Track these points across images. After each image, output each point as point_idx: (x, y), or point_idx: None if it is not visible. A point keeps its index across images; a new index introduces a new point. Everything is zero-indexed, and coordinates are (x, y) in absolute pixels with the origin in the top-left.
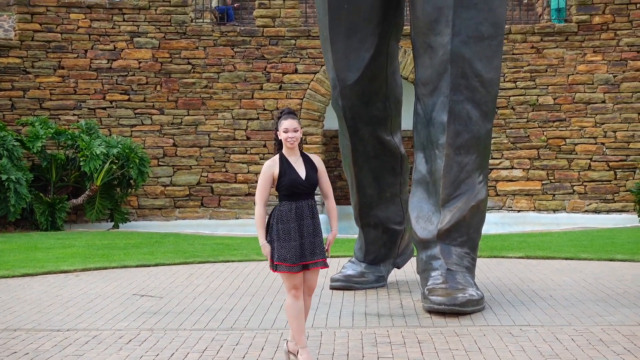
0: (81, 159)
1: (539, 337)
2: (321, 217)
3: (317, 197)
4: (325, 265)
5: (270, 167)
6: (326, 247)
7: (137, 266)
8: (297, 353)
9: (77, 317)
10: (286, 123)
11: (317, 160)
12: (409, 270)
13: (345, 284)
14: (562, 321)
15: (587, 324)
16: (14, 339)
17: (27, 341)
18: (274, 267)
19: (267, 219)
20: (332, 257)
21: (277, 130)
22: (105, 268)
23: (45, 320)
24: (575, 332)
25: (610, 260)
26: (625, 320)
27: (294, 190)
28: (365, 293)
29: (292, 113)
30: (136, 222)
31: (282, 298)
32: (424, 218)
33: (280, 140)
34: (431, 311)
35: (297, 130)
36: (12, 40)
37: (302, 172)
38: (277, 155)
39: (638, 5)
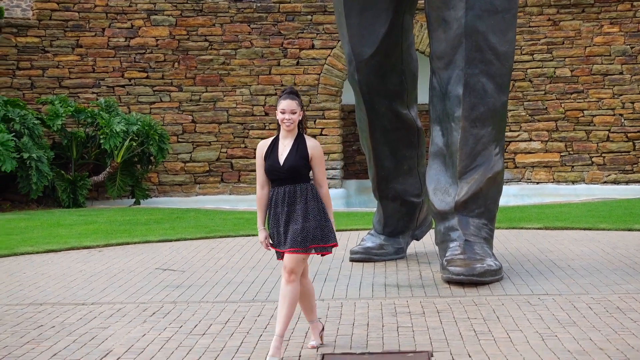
0: (101, 137)
1: (556, 306)
2: None
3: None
4: (298, 253)
5: (261, 148)
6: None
7: (159, 241)
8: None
9: (101, 291)
10: (284, 104)
11: (314, 146)
12: (427, 241)
13: (364, 256)
14: (580, 290)
15: (605, 293)
16: (40, 312)
17: (53, 315)
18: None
19: None
20: (352, 229)
21: (277, 109)
22: (128, 243)
23: (70, 294)
24: (592, 300)
25: (629, 230)
26: None
27: (271, 176)
28: (384, 265)
29: (293, 93)
30: (157, 198)
31: None
32: (442, 190)
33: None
34: (450, 281)
35: (295, 112)
36: (30, 19)
37: (282, 157)
38: (273, 137)
39: None
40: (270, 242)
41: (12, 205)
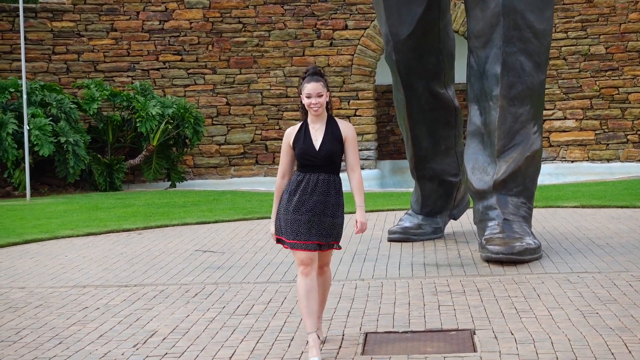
0: (137, 120)
1: (596, 283)
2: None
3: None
4: (329, 248)
5: (288, 135)
6: (356, 229)
7: (197, 223)
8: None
9: (143, 273)
10: (309, 87)
11: (347, 128)
12: (465, 221)
13: (402, 236)
14: (619, 267)
15: None
16: (84, 294)
17: (97, 296)
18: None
19: None
20: (389, 210)
21: (300, 93)
22: (167, 226)
23: (113, 276)
24: (632, 277)
25: None
26: None
27: (303, 162)
28: (422, 244)
29: (317, 74)
30: (192, 180)
31: (341, 251)
32: (480, 169)
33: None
34: (489, 260)
35: (322, 95)
36: (65, 4)
37: (317, 142)
38: (301, 122)
39: None
40: (276, 231)
41: (50, 189)
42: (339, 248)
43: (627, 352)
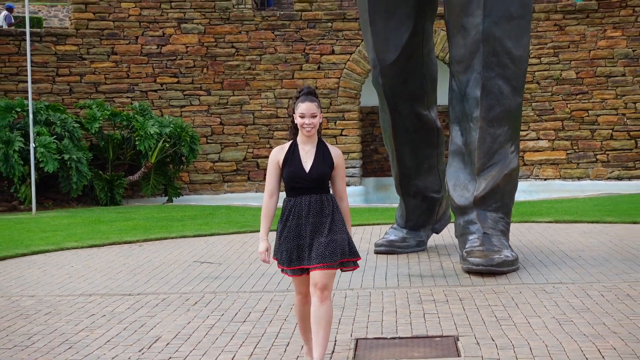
0: (136, 139)
1: (570, 293)
2: None
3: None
4: (330, 268)
5: (276, 154)
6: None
7: (194, 236)
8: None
9: (145, 283)
10: (303, 107)
11: (338, 156)
12: (446, 235)
13: (388, 249)
14: (592, 279)
15: (615, 281)
16: (90, 302)
17: (103, 304)
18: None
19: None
20: (374, 224)
21: (293, 112)
22: (166, 238)
23: (116, 285)
24: (604, 288)
25: (634, 222)
26: None
27: (293, 185)
28: (407, 257)
29: (311, 94)
30: (188, 196)
31: None
32: (461, 186)
33: (297, 124)
34: (470, 272)
35: (316, 116)
36: (68, 29)
37: (307, 164)
38: (290, 142)
39: None
40: (275, 256)
41: (54, 203)
42: (355, 267)
43: (600, 357)
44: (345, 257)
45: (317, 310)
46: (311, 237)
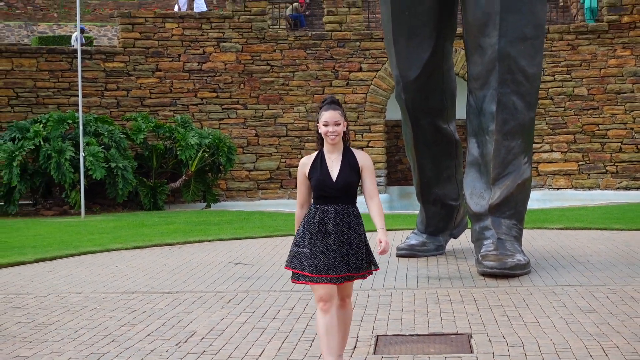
0: (178, 149)
1: (578, 295)
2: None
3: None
4: (362, 277)
5: (304, 165)
6: (379, 249)
7: (230, 239)
8: None
9: (183, 282)
10: (326, 115)
11: (364, 158)
12: (463, 240)
13: (409, 252)
14: (598, 282)
15: (620, 284)
16: (132, 299)
17: (144, 301)
18: (295, 278)
19: None
20: (397, 229)
21: (318, 122)
22: (203, 241)
23: (157, 284)
24: (609, 290)
25: (639, 230)
26: None
27: (321, 193)
28: (426, 260)
29: (334, 103)
30: (225, 202)
31: None
32: (477, 195)
33: (321, 133)
34: (484, 274)
35: (339, 124)
36: (116, 47)
37: (334, 173)
38: (317, 152)
39: None
40: (289, 265)
41: (101, 208)
42: (377, 268)
43: (604, 355)
44: (369, 267)
45: (342, 314)
46: (337, 247)
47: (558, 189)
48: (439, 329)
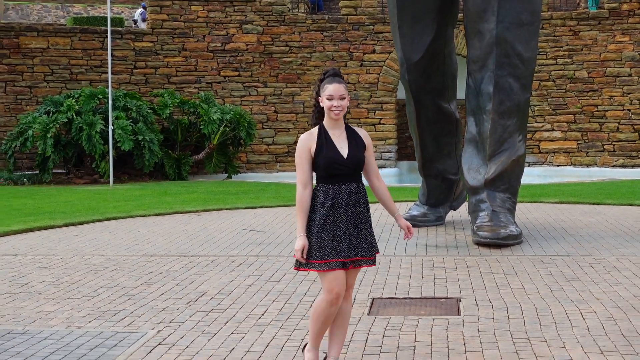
0: (201, 123)
1: (564, 264)
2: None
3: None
4: (371, 264)
5: (306, 141)
6: (409, 235)
7: (245, 208)
8: None
9: (199, 246)
10: (331, 88)
11: (366, 136)
12: (462, 211)
13: (411, 222)
14: (585, 252)
15: (605, 255)
16: (150, 262)
17: (161, 264)
18: (298, 265)
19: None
20: (404, 201)
21: (318, 95)
22: (221, 209)
23: (174, 248)
24: (594, 260)
25: (630, 205)
26: (636, 252)
27: (331, 172)
28: (427, 229)
29: (338, 75)
30: (245, 173)
31: None
32: (474, 169)
33: (321, 108)
34: (479, 244)
35: (344, 98)
36: (145, 28)
37: (344, 150)
38: (316, 127)
39: None
40: (311, 257)
41: (129, 177)
42: (372, 264)
43: (582, 319)
44: (376, 249)
45: (344, 307)
46: (349, 229)
47: (558, 165)
48: (431, 293)
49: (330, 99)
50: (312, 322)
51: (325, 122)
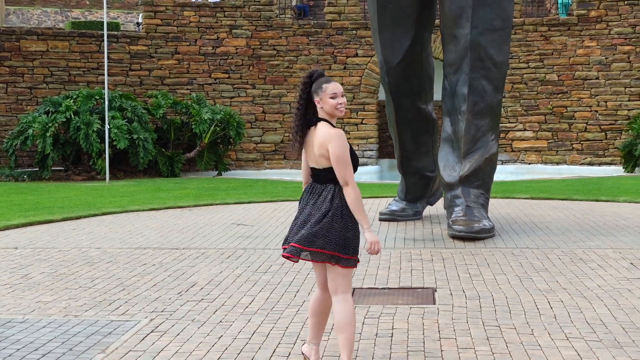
0: (193, 123)
1: (533, 256)
2: None
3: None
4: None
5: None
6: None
7: (234, 203)
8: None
9: (190, 240)
10: (332, 87)
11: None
12: (438, 206)
13: (390, 217)
14: (553, 245)
15: (572, 247)
16: (144, 254)
17: (154, 256)
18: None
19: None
20: (384, 197)
21: (311, 95)
22: (211, 204)
23: (167, 241)
24: (562, 252)
25: (596, 200)
26: (600, 245)
27: (355, 169)
28: (405, 224)
29: (324, 75)
30: (234, 170)
31: None
32: (450, 167)
33: (314, 108)
34: (454, 237)
35: (343, 95)
36: (139, 32)
37: None
38: (327, 124)
39: (626, 2)
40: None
41: (124, 174)
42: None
43: (549, 307)
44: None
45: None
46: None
47: (529, 163)
48: (408, 284)
49: (334, 97)
50: (350, 331)
51: (330, 121)
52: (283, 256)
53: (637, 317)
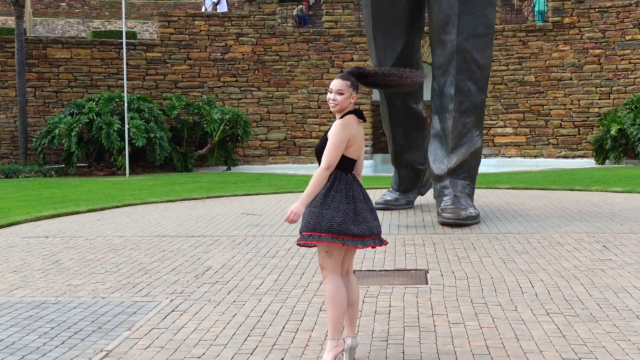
0: (204, 123)
1: (515, 240)
2: None
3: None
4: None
5: None
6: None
7: (244, 195)
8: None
9: (204, 228)
10: (332, 82)
11: (334, 124)
12: (429, 196)
13: (384, 206)
14: (533, 230)
15: (550, 232)
16: (163, 242)
17: (172, 243)
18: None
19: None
20: (378, 188)
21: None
22: (222, 196)
23: (183, 230)
24: (541, 237)
25: (571, 190)
26: (576, 230)
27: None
28: (399, 212)
29: (349, 73)
30: (242, 166)
31: None
32: (439, 160)
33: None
34: (443, 224)
35: (342, 94)
36: (155, 40)
37: None
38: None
39: (596, 9)
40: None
41: (142, 169)
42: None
43: (531, 286)
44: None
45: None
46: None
47: (510, 157)
48: (403, 266)
49: (330, 91)
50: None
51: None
52: (372, 247)
53: (610, 294)
